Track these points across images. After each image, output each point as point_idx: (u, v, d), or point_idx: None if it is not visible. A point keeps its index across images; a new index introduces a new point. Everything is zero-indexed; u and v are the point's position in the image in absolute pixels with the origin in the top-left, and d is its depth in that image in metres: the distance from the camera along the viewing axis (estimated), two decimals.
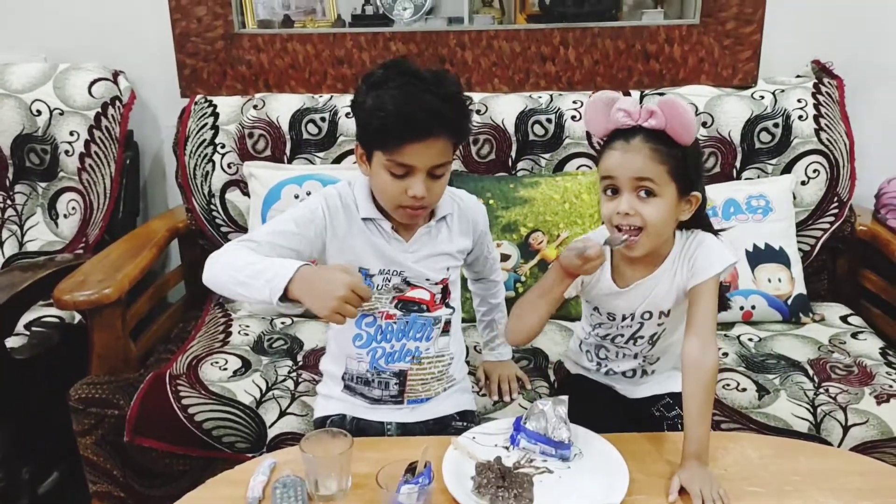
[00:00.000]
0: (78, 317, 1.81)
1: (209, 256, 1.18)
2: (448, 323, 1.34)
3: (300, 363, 1.63)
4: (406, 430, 1.33)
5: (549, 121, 1.92)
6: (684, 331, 1.22)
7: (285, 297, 1.07)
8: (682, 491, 1.10)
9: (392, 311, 1.29)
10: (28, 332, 1.74)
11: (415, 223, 1.27)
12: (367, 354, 1.31)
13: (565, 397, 1.22)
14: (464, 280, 1.52)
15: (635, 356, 1.36)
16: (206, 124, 1.96)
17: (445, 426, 1.34)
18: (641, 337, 1.33)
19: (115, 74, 2.05)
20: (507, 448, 1.20)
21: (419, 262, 1.29)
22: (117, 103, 2.03)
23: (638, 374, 1.39)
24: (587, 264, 1.16)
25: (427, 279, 1.30)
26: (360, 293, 1.06)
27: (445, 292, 1.33)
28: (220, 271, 1.15)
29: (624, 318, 1.31)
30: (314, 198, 1.28)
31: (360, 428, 1.31)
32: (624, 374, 1.39)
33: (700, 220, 1.27)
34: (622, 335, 1.34)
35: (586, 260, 1.16)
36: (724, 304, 1.35)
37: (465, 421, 1.36)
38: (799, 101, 1.93)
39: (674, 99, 1.18)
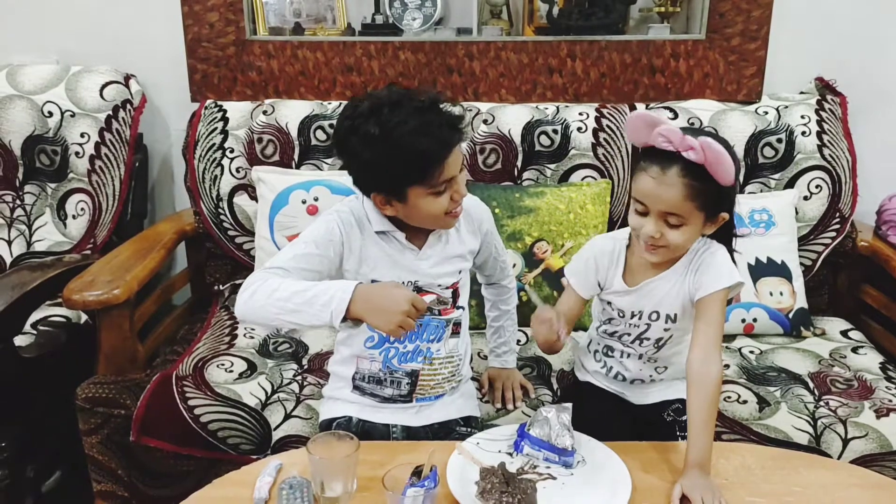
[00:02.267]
0: (84, 317, 1.83)
1: (241, 289, 1.19)
2: (458, 324, 1.37)
3: (305, 367, 1.64)
4: (411, 433, 1.34)
5: (555, 132, 1.94)
6: (690, 342, 1.24)
7: (345, 317, 1.12)
8: (684, 499, 1.11)
9: None
10: (35, 332, 1.76)
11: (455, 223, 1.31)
12: (380, 354, 1.33)
13: (569, 405, 1.23)
14: (476, 286, 1.54)
15: (640, 357, 1.38)
16: (215, 129, 1.98)
17: (450, 431, 1.36)
18: (647, 339, 1.35)
19: (127, 78, 2.07)
20: (510, 454, 1.22)
21: (434, 268, 1.32)
22: (128, 106, 2.05)
23: (646, 381, 1.40)
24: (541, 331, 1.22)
25: (438, 284, 1.32)
26: (418, 306, 1.12)
27: (455, 295, 1.35)
28: (263, 303, 1.15)
29: (633, 316, 1.33)
30: (328, 217, 1.29)
31: (366, 431, 1.32)
32: (632, 382, 1.41)
33: (724, 232, 1.29)
34: (629, 334, 1.36)
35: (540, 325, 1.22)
36: None
37: (469, 426, 1.38)
38: (802, 117, 1.95)
39: (711, 143, 1.15)
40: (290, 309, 1.13)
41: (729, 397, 1.54)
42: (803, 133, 1.93)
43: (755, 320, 1.80)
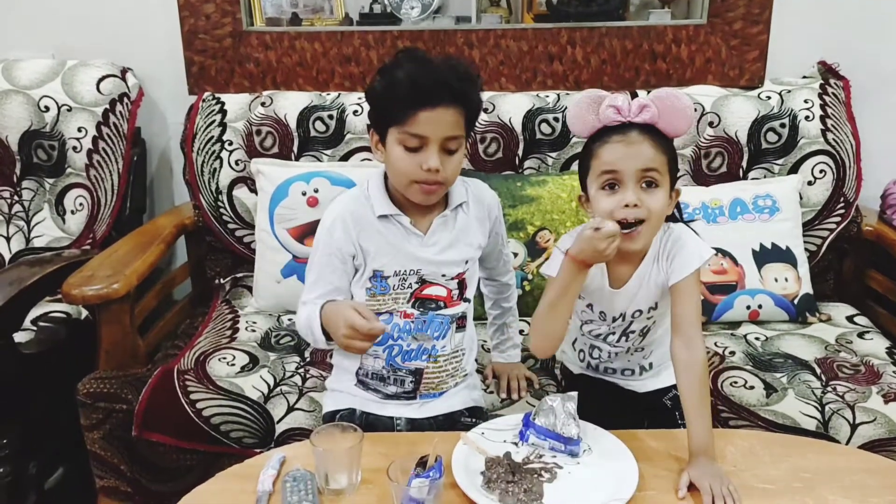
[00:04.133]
0: (84, 312, 1.81)
1: None
2: (463, 317, 1.35)
3: (308, 359, 1.63)
4: (415, 425, 1.33)
5: (556, 119, 1.92)
6: (671, 328, 1.23)
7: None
8: (692, 486, 1.10)
9: (410, 311, 1.30)
10: (35, 328, 1.74)
11: (429, 201, 1.26)
12: (384, 352, 1.31)
13: (574, 393, 1.22)
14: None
15: (627, 350, 1.37)
16: (213, 121, 1.96)
17: (454, 422, 1.34)
18: (633, 332, 1.34)
19: (124, 71, 2.05)
20: (516, 444, 1.20)
21: (440, 254, 1.29)
22: (125, 100, 2.03)
23: (637, 372, 1.40)
24: (607, 245, 1.14)
25: (443, 275, 1.30)
26: (359, 329, 1.12)
27: (462, 286, 1.33)
28: (305, 338, 1.29)
29: (615, 320, 1.32)
30: (333, 226, 1.28)
31: (370, 423, 1.31)
32: (622, 372, 1.40)
33: (673, 214, 1.30)
34: (613, 333, 1.35)
35: (606, 238, 1.14)
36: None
37: (473, 417, 1.36)
38: (805, 101, 1.93)
39: (668, 91, 1.19)
40: (309, 339, 1.27)
41: (735, 383, 1.53)
42: (807, 118, 1.91)
43: (760, 307, 1.79)
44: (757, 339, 1.74)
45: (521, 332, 1.64)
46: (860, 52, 2.03)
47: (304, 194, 1.84)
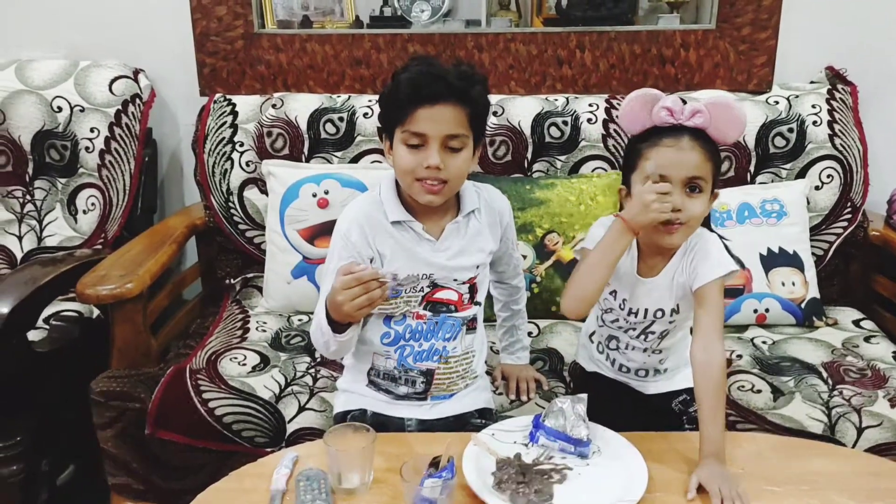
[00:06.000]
0: (96, 311, 1.83)
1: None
2: (474, 320, 1.36)
3: (318, 360, 1.64)
4: (426, 426, 1.34)
5: (565, 123, 1.94)
6: (692, 333, 1.24)
7: (342, 329, 1.20)
8: (701, 489, 1.11)
9: (422, 312, 1.31)
10: (48, 326, 1.76)
11: (435, 202, 1.25)
12: (395, 352, 1.33)
13: (584, 395, 1.23)
14: None
15: (644, 350, 1.38)
16: (225, 122, 1.98)
17: (464, 423, 1.35)
18: (652, 332, 1.35)
19: (136, 72, 2.07)
20: (526, 445, 1.22)
21: (451, 260, 1.30)
22: (137, 101, 2.05)
23: (650, 373, 1.41)
24: (656, 199, 1.17)
25: (455, 279, 1.31)
26: (342, 286, 1.11)
27: (473, 290, 1.34)
28: (319, 349, 1.29)
29: (630, 313, 1.33)
30: (349, 230, 1.28)
31: (381, 423, 1.32)
32: (636, 372, 1.41)
33: (705, 223, 1.32)
34: (634, 328, 1.36)
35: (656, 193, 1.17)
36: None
37: (483, 418, 1.38)
38: (813, 106, 1.94)
39: (723, 99, 1.21)
40: (324, 346, 1.25)
41: (743, 386, 1.54)
42: (814, 123, 1.92)
43: (767, 310, 1.80)
44: (764, 342, 1.75)
45: (529, 334, 1.65)
46: (868, 58, 2.04)
47: (314, 196, 1.85)
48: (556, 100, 1.98)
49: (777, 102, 1.96)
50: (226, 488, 1.15)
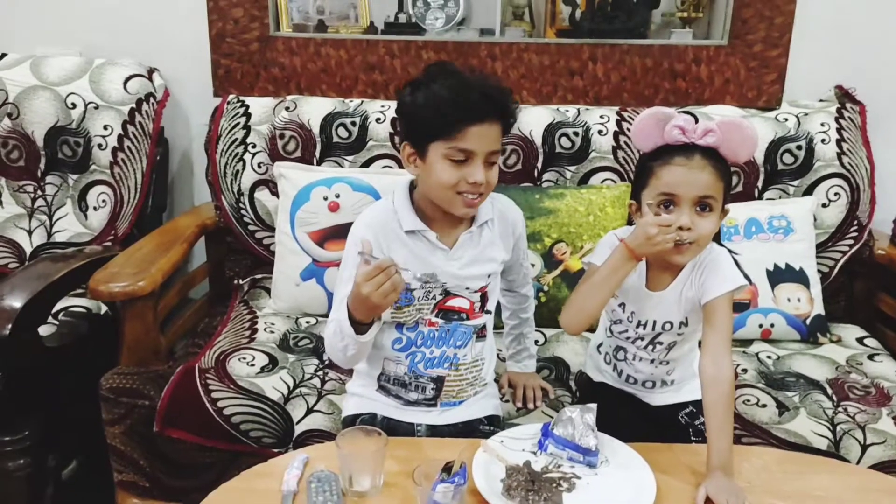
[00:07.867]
0: (105, 308, 1.84)
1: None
2: (484, 328, 1.37)
3: (326, 362, 1.65)
4: (435, 431, 1.35)
5: (576, 134, 1.95)
6: (700, 347, 1.26)
7: (364, 329, 1.20)
8: (708, 501, 1.12)
9: (434, 319, 1.32)
10: (57, 322, 1.77)
11: (471, 213, 1.29)
12: (406, 358, 1.34)
13: (594, 405, 1.24)
14: None
15: (652, 361, 1.39)
16: (238, 124, 1.99)
17: (473, 429, 1.36)
18: (660, 343, 1.36)
19: (151, 71, 2.08)
20: (534, 453, 1.22)
21: (464, 269, 1.31)
22: (151, 100, 2.06)
23: (658, 384, 1.42)
24: (658, 233, 1.18)
25: (467, 288, 1.32)
26: (364, 278, 1.12)
27: (484, 299, 1.35)
28: (334, 357, 1.29)
29: (639, 325, 1.35)
30: (364, 236, 1.27)
31: (390, 428, 1.32)
32: (643, 383, 1.42)
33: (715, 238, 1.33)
34: (642, 339, 1.37)
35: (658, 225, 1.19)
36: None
37: (492, 425, 1.39)
38: (822, 124, 1.96)
39: (735, 120, 1.22)
40: (343, 351, 1.24)
41: (748, 401, 1.55)
42: (823, 140, 1.94)
43: (772, 326, 1.81)
44: (769, 357, 1.76)
45: (536, 342, 1.66)
46: (877, 78, 2.06)
47: (325, 199, 1.86)
48: (568, 110, 2.00)
49: (786, 119, 1.97)
50: (236, 487, 1.16)
